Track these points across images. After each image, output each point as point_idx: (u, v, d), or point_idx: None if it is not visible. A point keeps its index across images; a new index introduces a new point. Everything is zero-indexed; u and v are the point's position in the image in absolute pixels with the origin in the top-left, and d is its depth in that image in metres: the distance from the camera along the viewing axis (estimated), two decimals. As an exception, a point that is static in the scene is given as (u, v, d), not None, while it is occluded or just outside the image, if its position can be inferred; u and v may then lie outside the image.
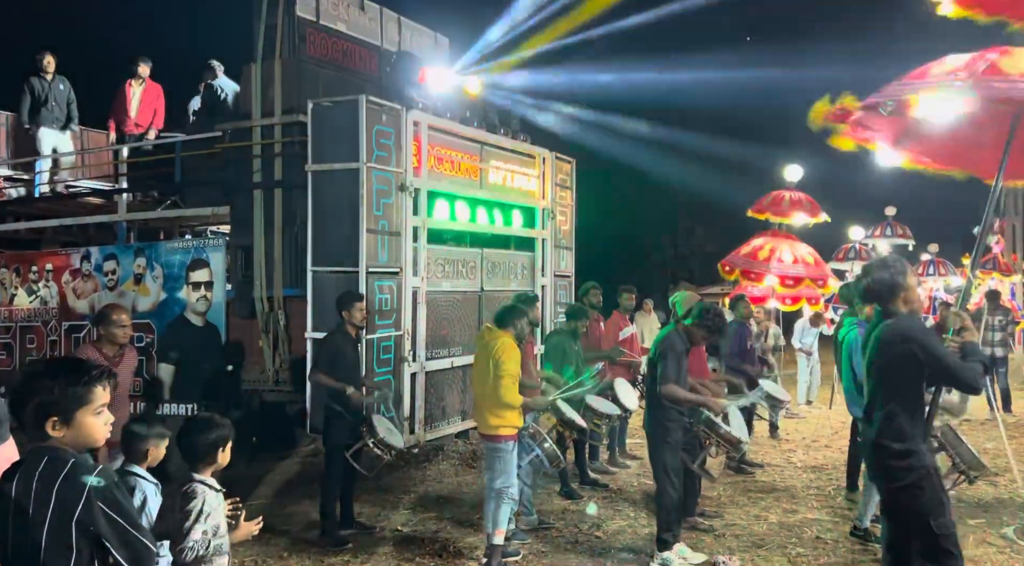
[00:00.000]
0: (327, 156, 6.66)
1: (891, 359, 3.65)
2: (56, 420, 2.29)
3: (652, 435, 5.46)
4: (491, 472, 5.26)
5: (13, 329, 9.08)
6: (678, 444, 5.44)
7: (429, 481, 7.58)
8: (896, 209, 17.54)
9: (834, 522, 6.28)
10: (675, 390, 5.25)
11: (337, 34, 7.83)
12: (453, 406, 7.54)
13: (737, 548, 5.70)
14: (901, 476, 3.61)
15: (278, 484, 7.41)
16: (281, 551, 5.68)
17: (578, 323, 7.05)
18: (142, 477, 3.42)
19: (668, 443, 5.35)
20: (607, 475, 7.76)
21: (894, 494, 3.71)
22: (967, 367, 3.60)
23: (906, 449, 3.59)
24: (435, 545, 5.77)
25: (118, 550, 2.26)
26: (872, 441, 3.75)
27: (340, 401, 5.81)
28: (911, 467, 3.59)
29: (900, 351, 3.59)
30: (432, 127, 7.28)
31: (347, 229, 6.55)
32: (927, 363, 3.54)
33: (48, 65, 10.20)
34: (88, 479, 2.25)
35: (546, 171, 8.93)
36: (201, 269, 7.82)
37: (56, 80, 10.26)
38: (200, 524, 3.03)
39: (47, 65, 10.19)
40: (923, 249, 18.80)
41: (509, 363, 5.13)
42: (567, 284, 9.44)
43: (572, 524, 6.26)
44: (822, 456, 8.68)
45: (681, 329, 5.45)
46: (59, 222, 9.56)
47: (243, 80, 7.57)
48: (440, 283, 7.40)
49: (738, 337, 8.25)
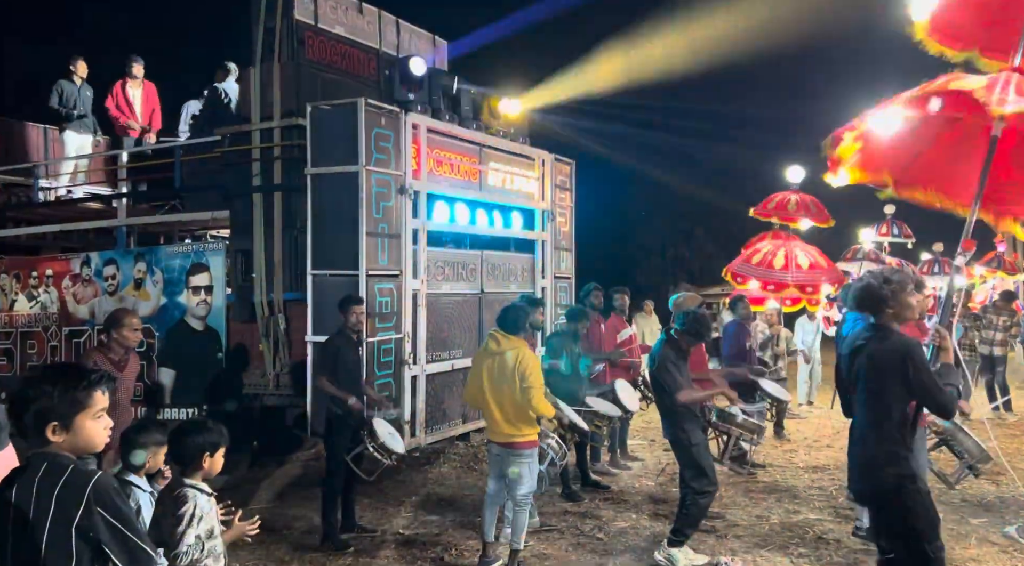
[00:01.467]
0: (326, 159, 6.66)
1: (881, 376, 3.63)
2: (56, 425, 2.29)
3: (676, 444, 5.49)
4: (516, 479, 5.23)
5: (14, 335, 9.09)
6: (704, 443, 5.50)
7: (430, 484, 7.57)
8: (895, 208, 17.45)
9: (836, 522, 6.27)
10: (690, 394, 5.32)
11: (336, 37, 7.84)
12: (454, 409, 7.54)
13: (739, 549, 5.70)
14: (897, 500, 3.60)
15: (279, 488, 7.40)
16: (283, 555, 5.67)
17: (578, 324, 7.05)
18: (137, 486, 3.40)
19: (695, 445, 5.38)
20: (609, 477, 7.75)
21: (887, 517, 3.70)
22: (946, 393, 3.58)
23: (899, 473, 3.59)
24: (437, 548, 5.76)
25: (118, 556, 2.26)
26: (860, 459, 3.74)
27: (341, 405, 5.81)
28: (907, 492, 3.58)
29: (892, 370, 3.58)
30: (431, 129, 7.29)
31: (347, 232, 6.55)
32: (914, 385, 3.54)
33: (79, 70, 10.27)
34: (88, 485, 2.25)
35: (545, 173, 8.94)
36: (201, 273, 7.83)
37: (84, 86, 10.34)
38: (192, 528, 3.03)
39: (79, 70, 10.26)
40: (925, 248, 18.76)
41: (535, 374, 5.14)
42: (567, 286, 9.44)
43: (574, 526, 6.25)
44: (824, 456, 8.67)
45: (674, 335, 5.52)
46: (59, 227, 9.57)
47: (242, 84, 7.58)
48: (440, 286, 7.40)
49: (736, 337, 8.24)
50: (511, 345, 5.22)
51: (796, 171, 11.47)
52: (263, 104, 7.27)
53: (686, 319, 5.49)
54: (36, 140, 11.06)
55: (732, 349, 8.22)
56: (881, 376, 3.63)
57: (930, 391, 3.55)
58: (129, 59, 10.41)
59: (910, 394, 3.59)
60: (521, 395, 5.09)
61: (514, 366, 5.12)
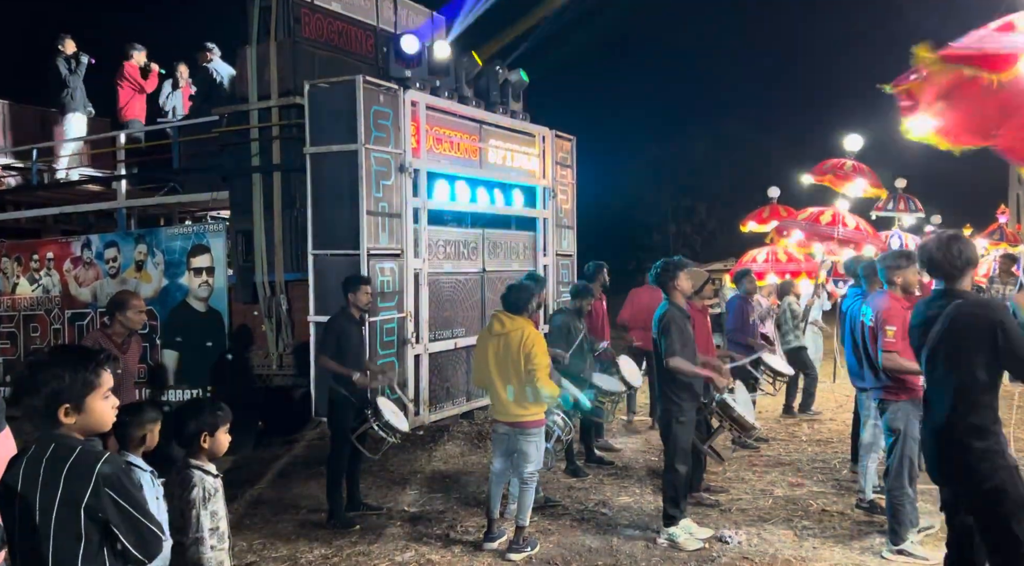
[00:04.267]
0: (325, 138, 6.61)
1: (965, 341, 3.39)
2: (68, 407, 2.30)
3: (664, 412, 5.49)
4: (523, 458, 5.25)
5: (16, 318, 9.09)
6: (691, 423, 5.49)
7: (435, 462, 7.61)
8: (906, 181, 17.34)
9: (839, 495, 6.30)
10: (680, 363, 5.29)
11: (332, 14, 7.75)
12: (457, 387, 7.55)
13: (743, 522, 5.73)
14: (986, 477, 3.35)
15: (284, 468, 7.45)
16: (289, 534, 5.72)
17: (583, 302, 7.04)
18: (136, 465, 3.41)
19: (681, 422, 5.38)
20: (612, 452, 7.79)
21: (975, 496, 3.43)
22: None
23: (988, 447, 3.35)
24: (442, 525, 5.80)
25: (126, 536, 2.28)
26: (943, 436, 3.47)
27: (345, 384, 5.82)
28: (996, 467, 3.34)
29: (978, 333, 3.34)
30: (430, 107, 7.23)
31: (347, 211, 6.52)
32: (1004, 348, 3.29)
33: (67, 48, 10.14)
34: (96, 465, 2.25)
35: (546, 149, 8.87)
36: (202, 255, 7.82)
37: (78, 66, 10.24)
38: (202, 511, 3.05)
39: (67, 48, 10.14)
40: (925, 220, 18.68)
41: (541, 355, 5.14)
42: (569, 263, 9.42)
43: (578, 501, 6.29)
44: (826, 430, 8.70)
45: (674, 296, 5.50)
46: (59, 210, 9.55)
47: (238, 63, 7.50)
48: (442, 264, 7.38)
49: (740, 311, 8.24)
50: (516, 325, 5.22)
51: (854, 139, 11.35)
52: (260, 83, 7.20)
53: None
54: (33, 122, 11.00)
55: (736, 322, 8.22)
56: (966, 343, 3.38)
57: (1020, 352, 3.29)
58: (129, 47, 10.32)
59: (998, 361, 3.35)
60: (526, 376, 5.11)
61: (519, 346, 5.13)
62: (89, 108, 10.48)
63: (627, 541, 5.42)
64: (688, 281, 5.57)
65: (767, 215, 12.57)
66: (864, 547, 5.23)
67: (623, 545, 5.35)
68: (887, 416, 5.11)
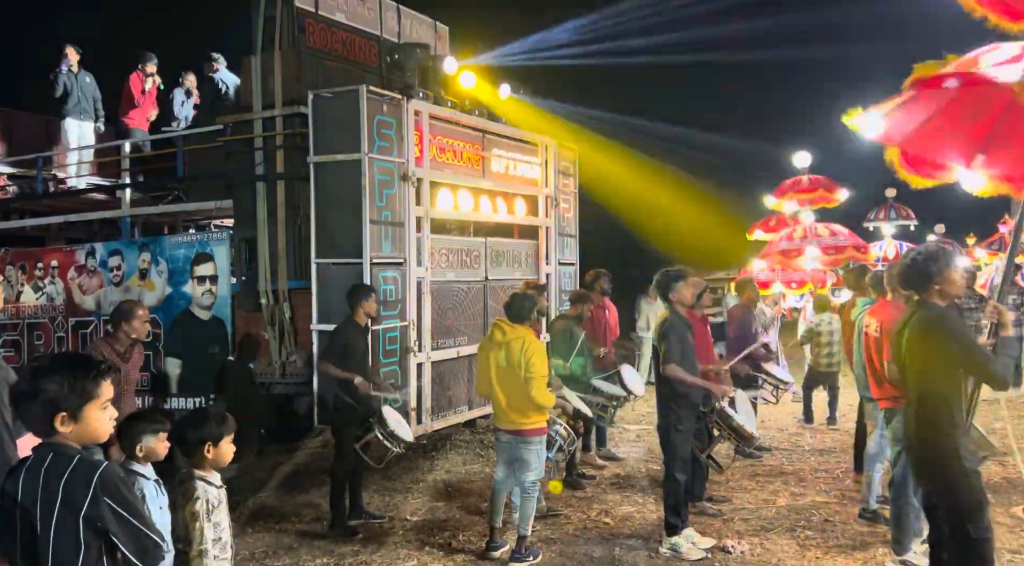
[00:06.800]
0: (329, 147, 6.64)
1: (927, 352, 3.62)
2: (64, 416, 2.29)
3: (663, 420, 5.48)
4: (524, 467, 5.25)
5: (20, 326, 9.12)
6: (690, 431, 5.48)
7: (437, 470, 7.60)
8: (896, 191, 17.46)
9: (842, 504, 6.28)
10: (677, 371, 5.30)
11: (336, 24, 7.79)
12: (460, 396, 7.55)
13: (746, 532, 5.71)
14: (940, 477, 3.61)
15: (287, 476, 7.44)
16: (291, 542, 5.71)
17: (583, 307, 7.05)
18: (141, 474, 3.40)
19: (680, 430, 5.38)
20: (614, 461, 7.77)
21: (933, 494, 3.72)
22: (997, 362, 3.51)
23: (947, 450, 3.56)
24: (444, 534, 5.79)
25: (126, 545, 2.27)
26: (913, 439, 3.72)
27: (349, 391, 5.82)
28: (954, 470, 3.56)
29: (934, 344, 3.56)
30: (433, 116, 7.25)
31: (350, 220, 6.54)
32: (960, 356, 3.51)
33: (71, 56, 10.23)
34: (94, 474, 2.25)
35: (548, 159, 8.89)
36: (206, 263, 7.84)
37: (82, 73, 10.31)
38: (205, 523, 3.05)
39: (71, 56, 10.22)
40: (928, 229, 18.68)
41: (540, 364, 5.15)
42: (571, 272, 9.42)
43: (580, 511, 6.28)
44: (830, 439, 8.67)
45: (675, 306, 5.51)
46: (63, 218, 9.58)
47: (243, 72, 7.55)
48: (444, 273, 7.39)
49: (742, 320, 8.22)
50: (516, 334, 5.24)
51: (803, 156, 12.01)
52: (264, 92, 7.25)
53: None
54: (37, 130, 11.06)
55: (737, 331, 8.21)
56: (925, 350, 3.63)
57: (974, 359, 3.52)
58: (144, 56, 10.38)
59: (956, 368, 3.56)
60: (524, 385, 5.12)
61: (519, 355, 5.14)
62: (101, 118, 10.54)
63: (629, 551, 5.41)
64: (688, 291, 5.58)
65: (774, 224, 12.62)
66: (867, 557, 5.20)
67: (625, 555, 5.33)
68: (893, 425, 5.10)
